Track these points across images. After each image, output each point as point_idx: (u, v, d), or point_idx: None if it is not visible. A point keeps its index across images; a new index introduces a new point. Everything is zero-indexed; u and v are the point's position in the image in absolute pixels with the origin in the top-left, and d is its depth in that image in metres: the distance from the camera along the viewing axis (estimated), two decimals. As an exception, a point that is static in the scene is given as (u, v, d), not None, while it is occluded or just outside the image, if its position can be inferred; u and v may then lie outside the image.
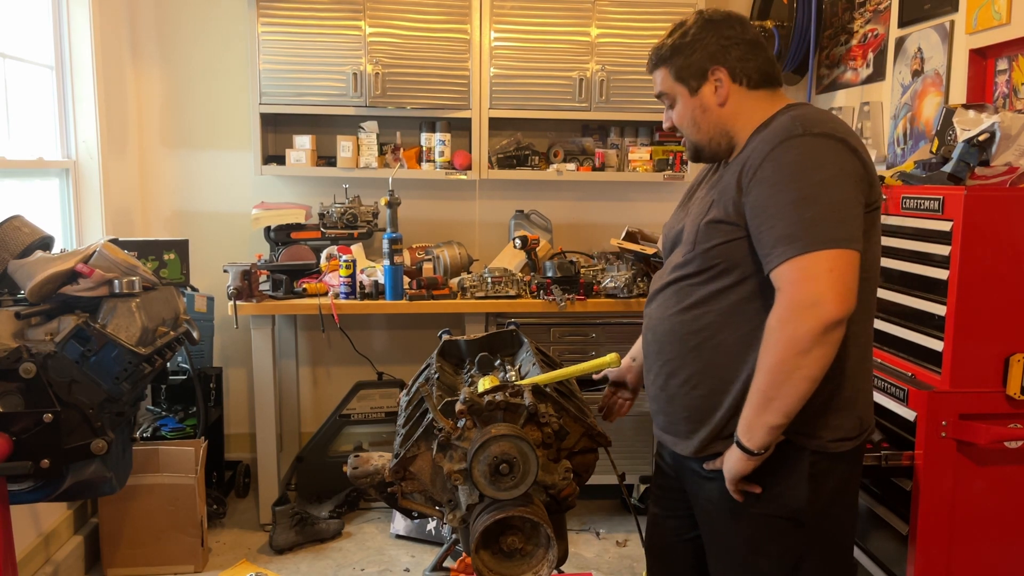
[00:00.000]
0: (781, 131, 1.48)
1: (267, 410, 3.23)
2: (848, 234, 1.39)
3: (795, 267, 1.39)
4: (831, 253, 1.37)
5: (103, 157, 3.25)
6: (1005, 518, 2.06)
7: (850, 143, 1.45)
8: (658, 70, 1.66)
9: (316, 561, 3.04)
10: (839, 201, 1.40)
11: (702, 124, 1.62)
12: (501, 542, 1.68)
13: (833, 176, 1.41)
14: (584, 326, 3.32)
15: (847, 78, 3.44)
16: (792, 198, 1.41)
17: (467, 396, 1.69)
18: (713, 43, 1.58)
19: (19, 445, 1.89)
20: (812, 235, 1.38)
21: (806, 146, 1.43)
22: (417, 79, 3.45)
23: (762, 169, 1.45)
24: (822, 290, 1.36)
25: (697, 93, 1.60)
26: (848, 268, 1.38)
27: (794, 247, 1.39)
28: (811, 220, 1.38)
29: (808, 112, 1.52)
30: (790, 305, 1.39)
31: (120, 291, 2.05)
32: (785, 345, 1.39)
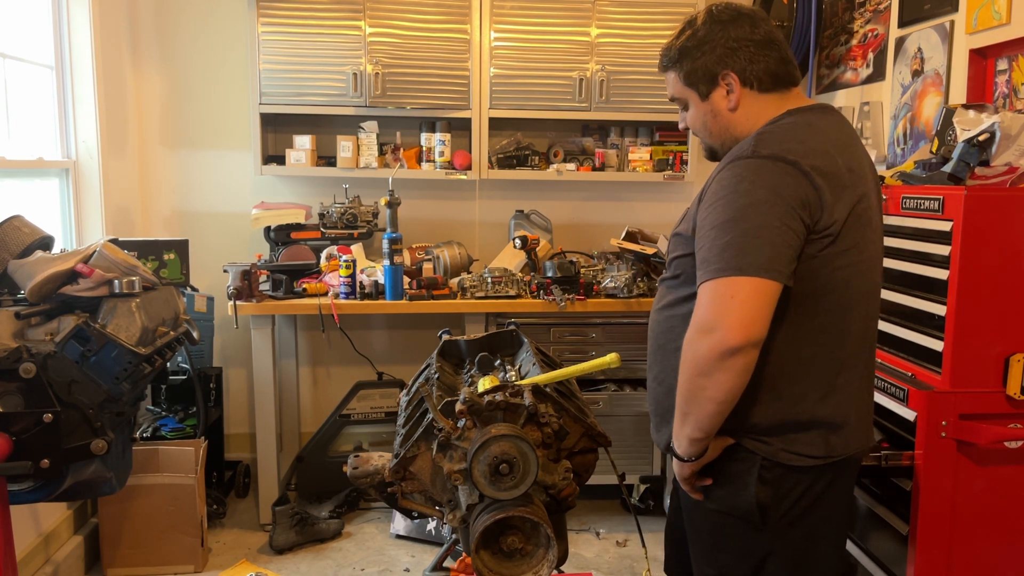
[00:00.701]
0: (736, 150, 1.47)
1: (267, 410, 3.23)
2: (758, 261, 1.35)
3: (704, 291, 1.39)
4: (737, 280, 1.35)
5: (103, 157, 3.25)
6: (1005, 518, 2.06)
7: (802, 165, 1.40)
8: (668, 73, 1.63)
9: (316, 561, 3.04)
10: (757, 228, 1.36)
11: (713, 129, 1.60)
12: (501, 542, 1.68)
13: (760, 201, 1.38)
14: (584, 326, 3.32)
15: (847, 78, 3.44)
16: (716, 221, 1.40)
17: (467, 396, 1.69)
18: (721, 45, 1.53)
19: (19, 445, 1.89)
20: (723, 261, 1.37)
21: (746, 169, 1.42)
22: (417, 79, 3.45)
23: (708, 190, 1.47)
24: (721, 316, 1.36)
25: (708, 98, 1.58)
26: (752, 296, 1.35)
27: (707, 271, 1.39)
28: (724, 245, 1.37)
29: (776, 129, 1.48)
30: (694, 327, 1.41)
31: (120, 291, 2.05)
32: (691, 366, 1.42)
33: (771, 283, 1.36)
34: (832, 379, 1.51)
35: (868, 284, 1.53)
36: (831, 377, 1.51)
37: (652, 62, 3.50)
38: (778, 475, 1.52)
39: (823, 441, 1.52)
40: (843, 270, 1.46)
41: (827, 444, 1.52)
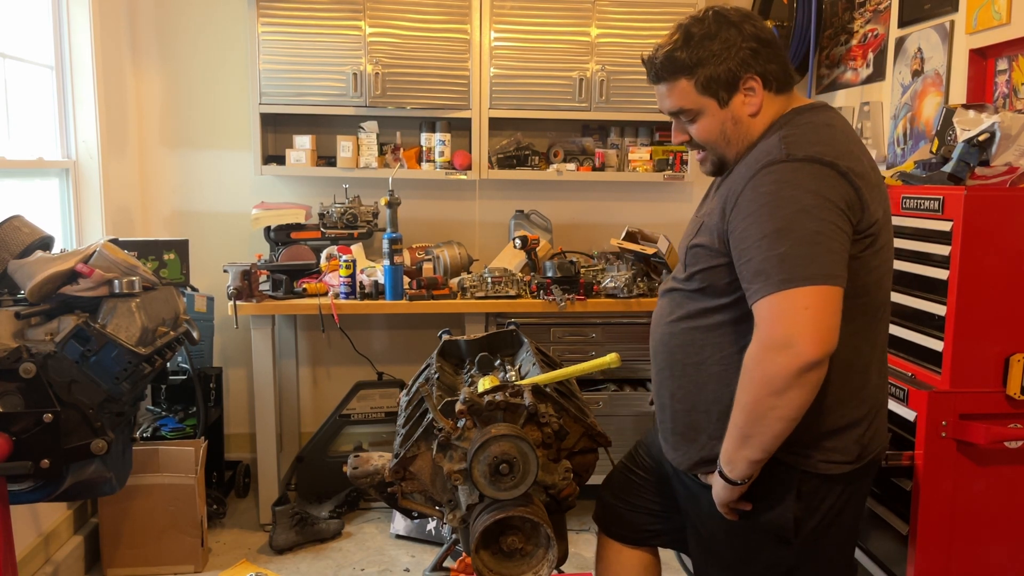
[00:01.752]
0: (763, 156, 1.40)
1: (267, 410, 3.23)
2: (823, 269, 1.31)
3: (770, 305, 1.33)
4: (806, 291, 1.30)
5: (103, 157, 3.25)
6: (1005, 518, 2.06)
7: (840, 166, 1.36)
8: (675, 82, 1.50)
9: (316, 561, 3.04)
10: (814, 233, 1.31)
11: (733, 137, 1.50)
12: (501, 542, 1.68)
13: (810, 206, 1.32)
14: (584, 326, 3.32)
15: (847, 78, 3.44)
16: (766, 231, 1.34)
17: (467, 396, 1.69)
18: (743, 48, 1.45)
19: (19, 445, 1.89)
20: (785, 272, 1.31)
21: (785, 173, 1.35)
22: (417, 79, 3.45)
23: (742, 198, 1.39)
24: (797, 331, 1.30)
25: (728, 105, 1.48)
26: (825, 306, 1.31)
27: (768, 284, 1.33)
28: (783, 256, 1.31)
29: (799, 130, 1.43)
30: (764, 345, 1.33)
31: (120, 291, 2.05)
32: (759, 385, 1.35)
33: (838, 289, 1.32)
34: (865, 379, 1.51)
35: (890, 283, 1.53)
36: (864, 378, 1.51)
37: (652, 62, 3.53)
38: (814, 487, 1.50)
39: (857, 442, 1.51)
40: (877, 270, 1.44)
41: (861, 444, 1.52)
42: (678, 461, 1.62)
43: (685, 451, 1.59)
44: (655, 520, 1.82)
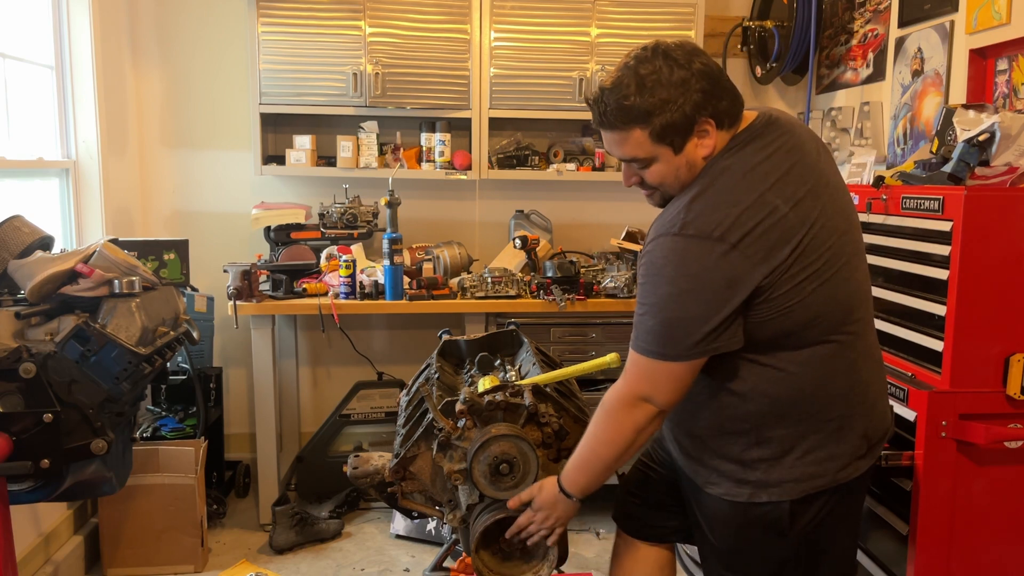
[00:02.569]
0: (665, 223, 1.45)
1: (267, 410, 3.23)
2: (678, 351, 1.44)
3: (639, 361, 1.49)
4: (660, 365, 1.47)
5: (103, 157, 3.25)
6: (1005, 518, 2.05)
7: (730, 238, 1.36)
8: (628, 131, 1.45)
9: (316, 561, 3.03)
10: (679, 319, 1.42)
11: (685, 179, 1.48)
12: (501, 542, 1.68)
13: (684, 291, 1.41)
14: (584, 326, 3.32)
15: (847, 78, 3.44)
16: (645, 301, 1.47)
17: (467, 396, 1.69)
18: (696, 91, 1.40)
19: (19, 445, 1.89)
20: (647, 343, 1.46)
21: (671, 250, 1.42)
22: (417, 79, 3.45)
23: (641, 259, 1.50)
24: (654, 391, 1.49)
25: (682, 150, 1.45)
26: (674, 377, 1.47)
27: (635, 344, 1.49)
28: (648, 329, 1.46)
29: (704, 193, 1.43)
30: (632, 394, 1.51)
31: (120, 291, 2.05)
32: (627, 427, 1.52)
33: (689, 364, 1.46)
34: (856, 376, 1.54)
35: (855, 283, 1.52)
36: (855, 375, 1.54)
37: (652, 62, 3.53)
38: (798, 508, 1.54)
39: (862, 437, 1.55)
40: (819, 290, 1.43)
41: (867, 438, 1.56)
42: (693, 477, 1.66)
43: (695, 470, 1.63)
44: (671, 516, 1.83)
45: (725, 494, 1.55)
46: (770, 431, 1.50)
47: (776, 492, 1.51)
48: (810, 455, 1.50)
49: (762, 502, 1.52)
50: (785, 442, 1.50)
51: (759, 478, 1.52)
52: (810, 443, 1.50)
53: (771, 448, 1.51)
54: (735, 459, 1.54)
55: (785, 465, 1.50)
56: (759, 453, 1.51)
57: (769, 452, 1.51)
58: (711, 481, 1.58)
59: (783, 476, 1.50)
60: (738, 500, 1.54)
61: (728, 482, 1.55)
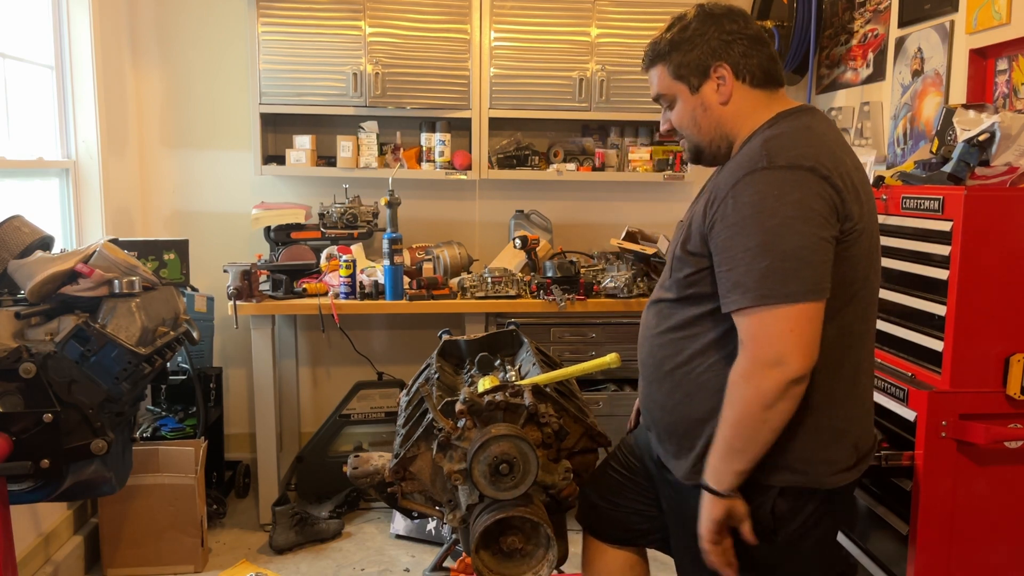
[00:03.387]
0: (746, 162, 1.42)
1: (267, 410, 3.23)
2: (804, 286, 1.34)
3: (755, 323, 1.36)
4: (789, 309, 1.33)
5: (103, 157, 3.25)
6: (1005, 518, 2.06)
7: (820, 170, 1.37)
8: (655, 68, 1.59)
9: (316, 561, 3.04)
10: (796, 248, 1.33)
11: (703, 124, 1.55)
12: (501, 542, 1.68)
13: (792, 218, 1.34)
14: (584, 326, 3.32)
15: (847, 78, 3.44)
16: (748, 244, 1.36)
17: (467, 396, 1.69)
18: (715, 38, 1.51)
19: (19, 445, 1.89)
20: (766, 287, 1.34)
21: (766, 183, 1.37)
22: (417, 79, 3.45)
23: (724, 206, 1.41)
24: (786, 349, 1.34)
25: (699, 91, 1.54)
26: (808, 323, 1.35)
27: (747, 297, 1.36)
28: (764, 271, 1.34)
29: (779, 135, 1.44)
30: (755, 362, 1.37)
31: (120, 291, 2.05)
32: (751, 400, 1.38)
33: (819, 304, 1.36)
34: (854, 379, 1.52)
35: (876, 282, 1.53)
36: (854, 377, 1.52)
37: (652, 62, 3.53)
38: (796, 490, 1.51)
39: (853, 447, 1.52)
40: (864, 269, 1.46)
41: (856, 449, 1.53)
42: (676, 469, 1.60)
43: (684, 459, 1.58)
44: (640, 519, 1.81)
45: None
46: None
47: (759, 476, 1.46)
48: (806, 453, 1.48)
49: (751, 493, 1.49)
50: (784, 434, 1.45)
51: None
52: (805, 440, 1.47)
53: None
54: None
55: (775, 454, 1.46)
56: None
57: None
58: (697, 469, 1.53)
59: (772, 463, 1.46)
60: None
61: None
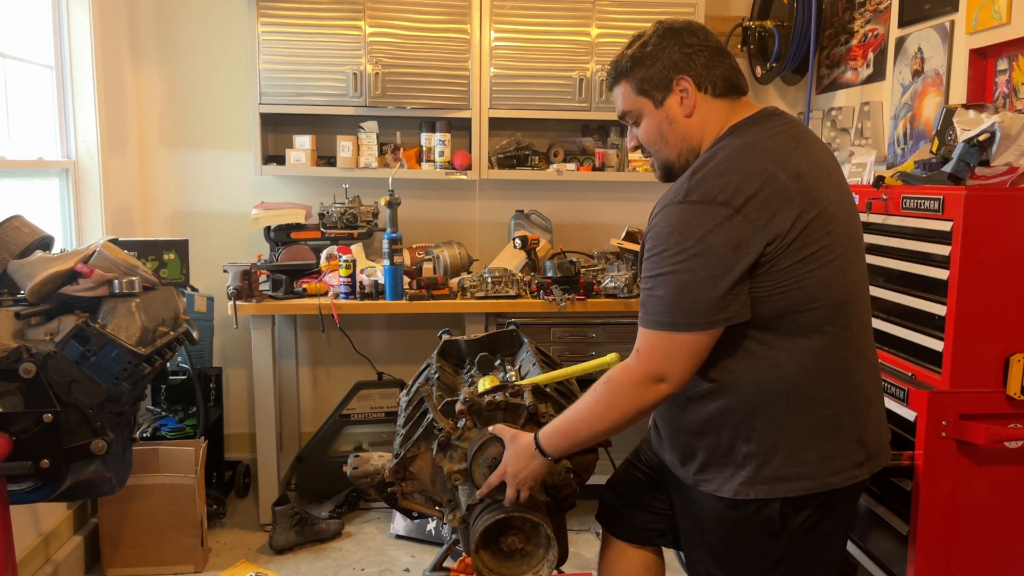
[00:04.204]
0: (671, 193, 1.49)
1: (267, 410, 3.23)
2: (689, 319, 1.43)
3: (648, 340, 1.47)
4: (674, 336, 1.45)
5: (103, 157, 3.25)
6: (1005, 518, 2.06)
7: (733, 204, 1.40)
8: (618, 86, 1.61)
9: (316, 561, 3.04)
10: (687, 283, 1.42)
11: (670, 138, 1.58)
12: (501, 542, 1.68)
13: (689, 256, 1.41)
14: (584, 326, 3.32)
15: (847, 78, 3.44)
16: (651, 272, 1.47)
17: (467, 396, 1.69)
18: (676, 51, 1.54)
19: (19, 445, 1.89)
20: (658, 314, 1.45)
21: (676, 217, 1.44)
22: (417, 79, 3.45)
23: (647, 231, 1.50)
24: (668, 368, 1.46)
25: (663, 105, 1.56)
26: (687, 350, 1.45)
27: (644, 320, 1.48)
28: (659, 300, 1.45)
29: (711, 162, 1.47)
30: (642, 373, 1.48)
31: (120, 291, 2.05)
32: (631, 406, 1.50)
33: (705, 334, 1.45)
34: (847, 375, 1.53)
35: (852, 277, 1.52)
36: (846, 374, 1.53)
37: (652, 62, 3.52)
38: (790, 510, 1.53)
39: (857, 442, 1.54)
40: (816, 273, 1.45)
41: (863, 444, 1.55)
42: (683, 476, 1.64)
43: (688, 467, 1.62)
44: (659, 519, 1.82)
45: (716, 491, 1.55)
46: (759, 425, 1.50)
47: (765, 490, 1.50)
48: (799, 455, 1.50)
49: (751, 499, 1.51)
50: (774, 438, 1.50)
51: (748, 475, 1.51)
52: (799, 441, 1.50)
53: (759, 443, 1.50)
54: (724, 455, 1.53)
55: (774, 463, 1.49)
56: (747, 449, 1.51)
57: (757, 448, 1.50)
58: (703, 479, 1.58)
59: (772, 474, 1.50)
60: (728, 497, 1.53)
61: (718, 479, 1.55)
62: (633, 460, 1.91)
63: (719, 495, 1.55)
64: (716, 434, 1.54)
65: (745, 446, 1.51)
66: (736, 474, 1.52)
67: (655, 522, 1.83)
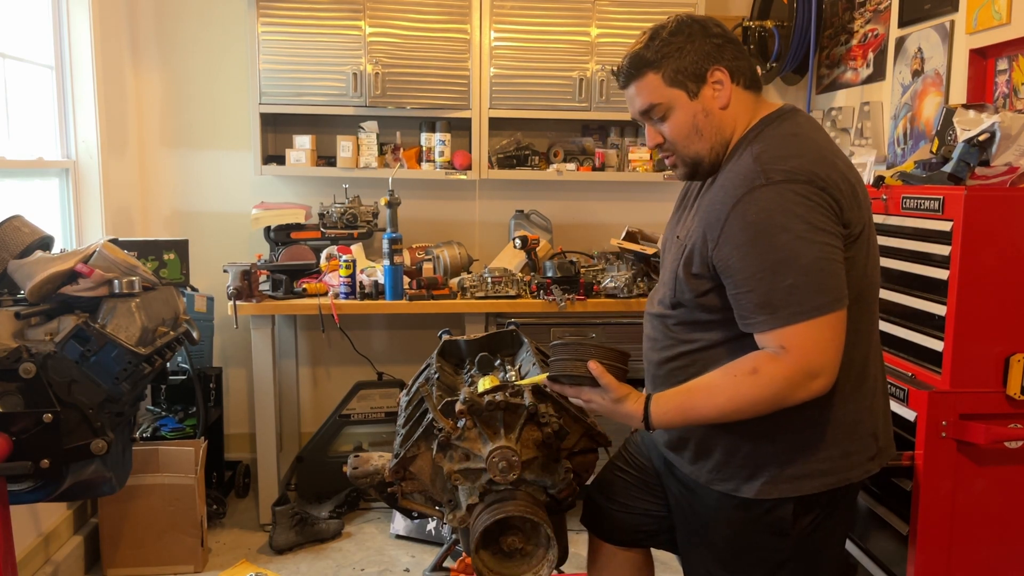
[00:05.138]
0: (740, 180, 1.40)
1: (267, 410, 3.23)
2: (832, 295, 1.35)
3: (791, 336, 1.35)
4: (821, 321, 1.34)
5: (103, 157, 3.25)
6: (1005, 518, 2.06)
7: (818, 180, 1.36)
8: (641, 79, 1.50)
9: (316, 561, 3.04)
10: (815, 260, 1.34)
11: (705, 131, 1.49)
12: (501, 542, 1.68)
13: (803, 231, 1.34)
14: (584, 326, 3.32)
15: (847, 78, 3.44)
16: (763, 264, 1.35)
17: (467, 396, 1.69)
18: (706, 42, 1.47)
19: (19, 445, 1.88)
20: (795, 304, 1.34)
21: (769, 199, 1.36)
22: (417, 79, 3.45)
23: (728, 226, 1.39)
24: (827, 362, 1.35)
25: (698, 96, 1.48)
26: (839, 332, 1.36)
27: (777, 317, 1.35)
28: (790, 288, 1.34)
29: (773, 144, 1.43)
30: (797, 371, 1.35)
31: (120, 291, 2.04)
32: (772, 398, 1.38)
33: (844, 311, 1.37)
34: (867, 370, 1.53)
35: (874, 267, 1.53)
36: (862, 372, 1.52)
37: (652, 62, 3.52)
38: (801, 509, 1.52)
39: (872, 436, 1.54)
40: (864, 267, 1.46)
41: (876, 438, 1.54)
42: (696, 475, 1.60)
43: (701, 465, 1.58)
44: (649, 520, 1.81)
45: (734, 490, 1.52)
46: (789, 423, 1.46)
47: (788, 488, 1.47)
48: (824, 451, 1.48)
49: (770, 499, 1.49)
50: (802, 436, 1.47)
51: (772, 474, 1.48)
52: (826, 437, 1.48)
53: (787, 442, 1.47)
54: (746, 454, 1.50)
55: (799, 461, 1.47)
56: (772, 448, 1.48)
57: (784, 447, 1.48)
58: (718, 477, 1.54)
59: (796, 472, 1.47)
60: (748, 497, 1.50)
61: (737, 478, 1.51)
62: (617, 462, 1.88)
63: (737, 495, 1.52)
64: (739, 432, 1.49)
65: (770, 445, 1.48)
66: (757, 473, 1.49)
67: (645, 524, 1.82)
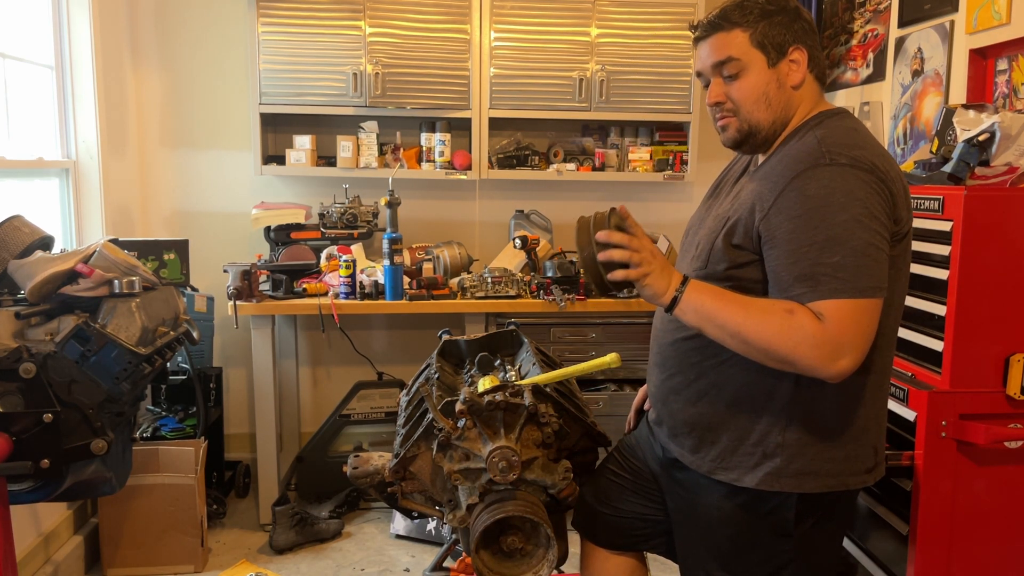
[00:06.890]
0: (804, 157, 1.40)
1: (267, 410, 3.23)
2: (874, 282, 1.35)
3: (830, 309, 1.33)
4: (860, 303, 1.33)
5: (103, 157, 3.25)
6: (1005, 518, 2.05)
7: (879, 171, 1.37)
8: (729, 31, 1.47)
9: (316, 561, 3.04)
10: (866, 245, 1.34)
11: (774, 102, 1.49)
12: (501, 542, 1.68)
13: (859, 215, 1.34)
14: (584, 326, 3.32)
15: (847, 78, 3.44)
16: (815, 238, 1.35)
17: (467, 396, 1.69)
18: (801, 22, 1.49)
19: (19, 445, 1.89)
20: (839, 282, 1.33)
21: (832, 178, 1.36)
22: (417, 79, 3.45)
23: (784, 198, 1.39)
24: (854, 341, 1.33)
25: (775, 67, 1.48)
26: (874, 318, 1.36)
27: (817, 291, 1.34)
28: (836, 265, 1.33)
29: (836, 132, 1.43)
30: (827, 343, 1.33)
31: (120, 291, 2.04)
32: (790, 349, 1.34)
33: (881, 302, 1.37)
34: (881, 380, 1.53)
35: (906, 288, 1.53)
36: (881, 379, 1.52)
37: (652, 62, 3.53)
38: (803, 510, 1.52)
39: (872, 448, 1.53)
40: (904, 273, 1.47)
41: (875, 451, 1.54)
42: (694, 464, 1.59)
43: (704, 453, 1.57)
44: (643, 524, 1.79)
45: (735, 480, 1.51)
46: (803, 416, 1.45)
47: (791, 483, 1.46)
48: (830, 451, 1.47)
49: (771, 492, 1.48)
50: (813, 431, 1.46)
51: (777, 466, 1.47)
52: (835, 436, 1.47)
53: (797, 434, 1.46)
54: (754, 443, 1.49)
55: (807, 456, 1.46)
56: (781, 439, 1.47)
57: (794, 439, 1.46)
58: (721, 466, 1.52)
59: (802, 468, 1.46)
60: (748, 487, 1.49)
61: (741, 468, 1.50)
62: (610, 465, 1.87)
63: (738, 484, 1.51)
64: (749, 419, 1.49)
65: (780, 435, 1.47)
66: (762, 464, 1.48)
67: (638, 528, 1.80)
